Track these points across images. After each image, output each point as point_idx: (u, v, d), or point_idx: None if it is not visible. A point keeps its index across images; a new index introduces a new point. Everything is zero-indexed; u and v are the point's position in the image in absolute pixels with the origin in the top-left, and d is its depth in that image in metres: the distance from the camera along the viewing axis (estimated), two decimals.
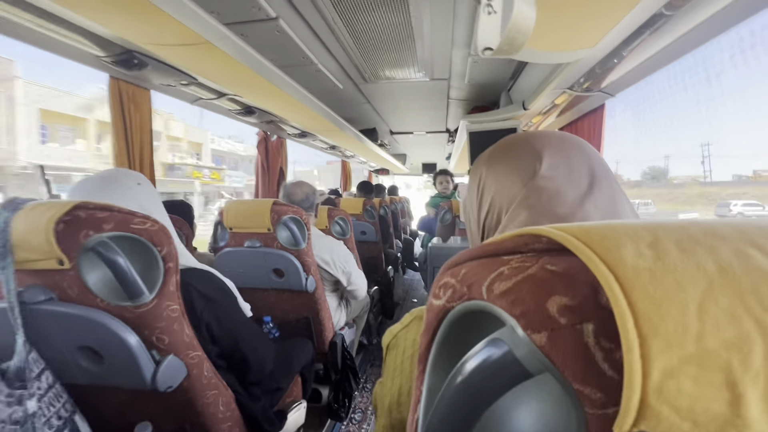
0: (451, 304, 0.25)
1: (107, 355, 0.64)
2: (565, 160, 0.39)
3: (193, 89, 1.63)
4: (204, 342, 0.80)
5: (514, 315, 0.19)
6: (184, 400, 0.73)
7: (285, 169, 2.94)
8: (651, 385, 0.14)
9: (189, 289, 0.80)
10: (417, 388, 0.28)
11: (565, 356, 0.17)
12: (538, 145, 0.41)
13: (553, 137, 0.42)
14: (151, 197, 0.81)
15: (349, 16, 1.31)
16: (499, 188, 0.41)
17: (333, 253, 1.53)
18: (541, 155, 0.40)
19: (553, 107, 1.79)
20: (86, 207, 0.60)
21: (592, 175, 0.39)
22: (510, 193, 0.40)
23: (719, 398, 0.14)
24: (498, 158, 0.43)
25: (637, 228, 0.18)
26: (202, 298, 0.81)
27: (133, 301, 0.62)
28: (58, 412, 0.62)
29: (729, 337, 0.14)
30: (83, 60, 1.25)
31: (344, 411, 1.59)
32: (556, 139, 0.42)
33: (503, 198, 0.41)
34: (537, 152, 0.40)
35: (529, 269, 0.20)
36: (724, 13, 0.92)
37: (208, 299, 0.82)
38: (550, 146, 0.41)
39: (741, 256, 0.16)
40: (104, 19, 0.94)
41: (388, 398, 0.44)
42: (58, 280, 0.61)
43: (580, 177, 0.38)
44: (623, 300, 0.15)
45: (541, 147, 0.41)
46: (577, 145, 0.41)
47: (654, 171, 36.35)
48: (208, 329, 0.82)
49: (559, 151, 0.40)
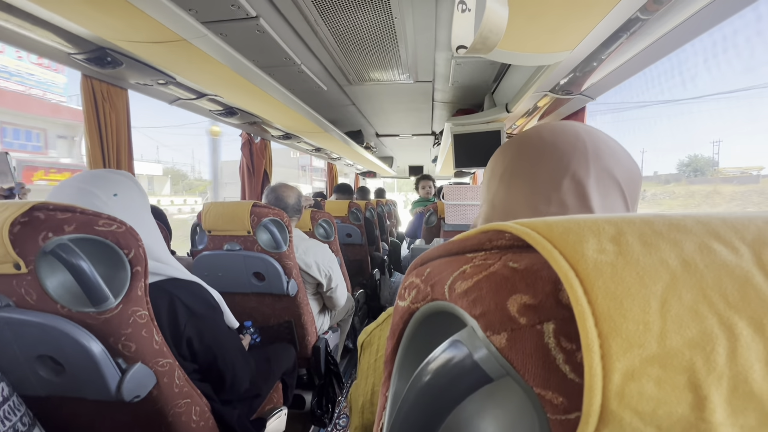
0: (416, 305, 0.23)
1: (68, 364, 0.61)
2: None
3: (172, 89, 1.59)
4: (182, 358, 0.77)
5: (474, 315, 0.18)
6: (153, 410, 0.69)
7: (269, 171, 2.91)
8: (612, 388, 0.13)
9: (174, 301, 0.77)
10: (382, 394, 0.27)
11: (525, 359, 0.16)
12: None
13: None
14: (129, 208, 0.75)
15: (331, 16, 1.30)
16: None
17: (317, 256, 1.50)
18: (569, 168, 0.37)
19: (535, 110, 1.81)
20: (45, 208, 0.57)
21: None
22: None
23: (683, 401, 0.13)
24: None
25: (600, 222, 0.17)
26: (186, 312, 0.78)
27: (97, 307, 0.59)
28: (15, 426, 0.59)
29: (692, 336, 0.13)
30: (53, 57, 1.20)
31: (328, 417, 1.56)
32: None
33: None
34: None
35: (490, 267, 0.18)
36: (698, 18, 0.95)
37: (192, 313, 0.79)
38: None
39: (705, 251, 0.15)
40: (73, 14, 0.90)
41: (362, 398, 0.43)
42: (15, 285, 0.58)
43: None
44: (583, 297, 0.14)
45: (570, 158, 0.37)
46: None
47: (696, 162, 23.92)
48: (189, 344, 0.80)
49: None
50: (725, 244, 0.15)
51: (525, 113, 1.84)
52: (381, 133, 3.68)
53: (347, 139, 2.89)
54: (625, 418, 0.13)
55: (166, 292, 0.77)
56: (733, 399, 0.13)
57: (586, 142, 0.37)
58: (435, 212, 2.65)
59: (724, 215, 0.16)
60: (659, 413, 0.13)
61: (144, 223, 0.76)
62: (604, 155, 0.37)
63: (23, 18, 0.99)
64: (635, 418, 0.13)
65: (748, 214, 0.17)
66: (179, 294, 0.78)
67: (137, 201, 0.78)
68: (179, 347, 0.78)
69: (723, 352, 0.13)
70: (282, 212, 1.26)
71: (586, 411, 0.14)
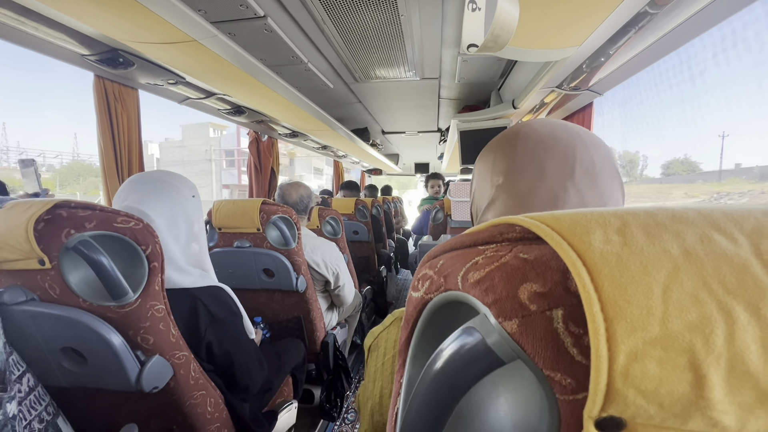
0: (429, 296, 0.25)
1: (90, 356, 0.63)
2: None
3: (181, 88, 1.62)
4: (199, 359, 0.79)
5: (487, 303, 0.19)
6: (170, 401, 0.72)
7: (277, 169, 2.93)
8: (617, 368, 0.14)
9: (197, 304, 0.79)
10: (397, 381, 0.28)
11: (536, 343, 0.17)
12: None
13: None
14: (197, 211, 0.84)
15: (338, 14, 1.31)
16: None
17: (324, 254, 1.52)
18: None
19: (542, 106, 1.80)
20: (67, 205, 0.59)
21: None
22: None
23: (683, 380, 0.14)
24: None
25: (606, 215, 0.18)
26: (208, 317, 0.80)
27: (117, 300, 0.61)
28: (40, 415, 0.61)
29: (692, 319, 0.14)
30: (66, 58, 1.23)
31: (336, 411, 1.58)
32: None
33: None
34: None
35: (502, 258, 0.20)
36: (707, 12, 0.94)
37: (213, 318, 0.81)
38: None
39: (705, 241, 0.16)
40: (87, 16, 0.93)
41: (370, 401, 0.44)
42: (40, 280, 0.60)
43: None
44: (590, 284, 0.15)
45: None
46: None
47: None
48: (208, 348, 0.81)
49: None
50: (725, 234, 0.16)
51: (532, 109, 1.84)
52: (387, 130, 3.68)
53: (353, 136, 2.90)
54: (630, 397, 0.14)
55: (189, 294, 0.79)
56: (730, 378, 0.14)
57: (579, 132, 0.40)
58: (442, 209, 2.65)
59: (725, 208, 0.17)
60: (661, 391, 0.14)
61: (203, 226, 0.86)
62: (599, 144, 0.40)
63: (39, 21, 1.02)
64: (639, 396, 0.14)
65: (748, 206, 0.17)
66: (202, 297, 0.80)
67: (200, 206, 0.88)
68: (198, 350, 0.79)
69: (721, 334, 0.14)
70: (290, 209, 1.28)
71: (593, 390, 0.15)
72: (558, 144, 0.39)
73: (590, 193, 0.38)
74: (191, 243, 0.83)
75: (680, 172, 4.13)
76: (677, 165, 4.17)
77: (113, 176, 1.51)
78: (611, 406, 0.15)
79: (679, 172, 4.13)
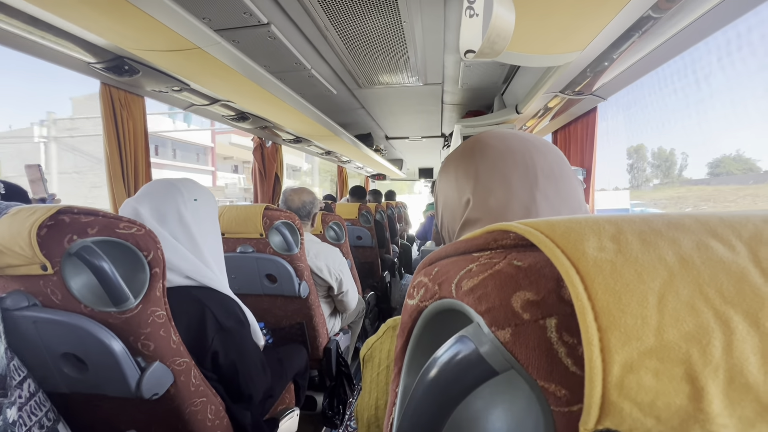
0: (424, 304, 0.24)
1: (91, 362, 0.63)
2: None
3: (186, 95, 1.64)
4: (203, 368, 0.79)
5: (480, 311, 0.19)
6: (170, 408, 0.71)
7: (281, 174, 2.95)
8: (612, 380, 0.14)
9: (205, 312, 0.79)
10: (392, 390, 0.28)
11: (529, 352, 0.16)
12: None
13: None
14: (198, 215, 0.84)
15: (341, 21, 1.32)
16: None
17: (328, 259, 1.52)
18: None
19: (546, 111, 1.80)
20: (70, 211, 0.59)
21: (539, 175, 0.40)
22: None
23: (680, 392, 0.14)
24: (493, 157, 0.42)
25: (601, 221, 0.17)
26: (215, 325, 0.80)
27: (118, 306, 0.61)
28: (40, 421, 0.61)
29: (688, 329, 0.14)
30: (73, 66, 1.25)
31: (339, 418, 1.57)
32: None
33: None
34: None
35: (496, 265, 0.19)
36: (711, 16, 0.93)
37: (221, 327, 0.81)
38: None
39: (702, 248, 0.15)
40: (93, 25, 0.94)
41: (366, 412, 0.43)
42: (42, 285, 0.61)
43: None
44: (583, 293, 0.15)
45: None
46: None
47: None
48: (214, 358, 0.81)
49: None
50: (722, 241, 0.15)
51: (535, 114, 1.83)
52: (391, 135, 3.69)
53: (357, 141, 2.91)
54: (625, 409, 0.14)
55: (198, 301, 0.79)
56: (729, 391, 0.13)
57: (531, 140, 0.42)
58: None
59: (723, 214, 0.17)
60: (658, 404, 0.14)
61: (207, 231, 0.86)
62: (550, 148, 0.42)
63: (46, 30, 1.04)
64: (635, 408, 0.14)
65: (746, 213, 0.17)
66: (211, 306, 0.80)
67: (209, 212, 0.89)
68: (203, 359, 0.79)
69: (719, 345, 0.14)
70: (293, 215, 1.28)
71: (587, 402, 0.14)
72: (516, 155, 0.40)
73: (557, 198, 0.39)
74: (192, 246, 0.82)
75: (733, 171, 3.64)
76: (729, 163, 3.67)
77: (119, 182, 1.52)
78: (607, 419, 0.14)
79: (732, 171, 3.64)
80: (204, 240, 0.85)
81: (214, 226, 0.90)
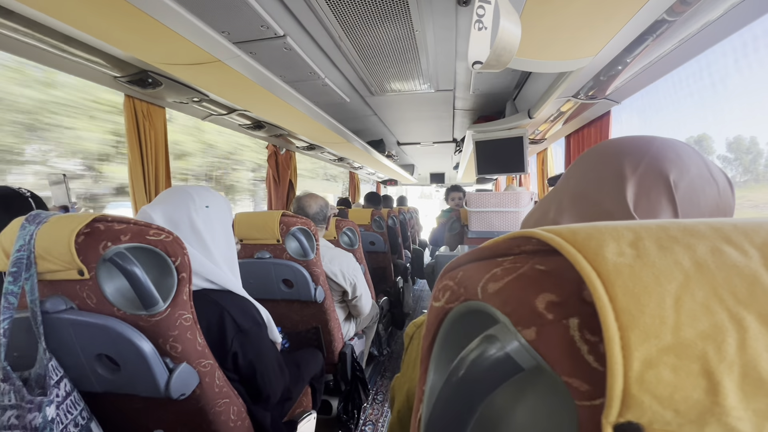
0: (450, 306, 0.26)
1: (123, 362, 0.66)
2: None
3: (205, 106, 1.69)
4: (225, 369, 0.81)
5: (506, 312, 0.20)
6: (196, 408, 0.74)
7: (294, 181, 3.00)
8: (632, 375, 0.15)
9: (224, 314, 0.82)
10: (419, 388, 0.29)
11: (553, 350, 0.18)
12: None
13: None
14: (210, 222, 0.86)
15: (355, 32, 1.35)
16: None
17: (342, 264, 1.54)
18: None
19: (559, 115, 1.79)
20: (105, 220, 0.63)
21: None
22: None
23: (697, 387, 0.15)
24: None
25: (620, 228, 0.19)
26: (234, 327, 0.82)
27: (148, 310, 0.64)
28: (75, 420, 0.64)
29: (704, 328, 0.15)
30: (100, 80, 1.31)
31: (354, 423, 1.58)
32: None
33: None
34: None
35: (520, 269, 0.21)
36: (726, 19, 0.93)
37: (239, 329, 0.83)
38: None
39: (716, 253, 0.17)
40: (121, 41, 0.99)
41: (407, 385, 0.45)
42: (78, 290, 0.64)
43: None
44: (604, 295, 0.16)
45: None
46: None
47: None
48: (234, 358, 0.83)
49: None
50: (736, 247, 0.17)
51: (548, 118, 1.83)
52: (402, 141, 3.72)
53: (369, 148, 2.94)
54: (646, 402, 0.15)
55: (216, 304, 0.81)
56: (744, 385, 0.15)
57: (651, 143, 0.42)
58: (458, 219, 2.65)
59: (737, 221, 0.18)
60: (676, 398, 0.15)
61: (219, 236, 0.88)
62: (663, 158, 0.40)
63: (77, 47, 1.09)
64: (655, 402, 0.15)
65: (759, 220, 0.18)
66: (229, 308, 0.82)
67: (222, 219, 0.91)
68: (224, 360, 0.81)
69: (733, 342, 0.15)
70: (309, 221, 1.31)
71: (609, 396, 0.16)
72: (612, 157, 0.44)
73: (620, 210, 0.40)
74: (204, 251, 0.85)
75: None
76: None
77: (140, 190, 1.58)
78: (628, 412, 0.15)
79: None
80: (216, 245, 0.87)
81: (226, 232, 0.92)
